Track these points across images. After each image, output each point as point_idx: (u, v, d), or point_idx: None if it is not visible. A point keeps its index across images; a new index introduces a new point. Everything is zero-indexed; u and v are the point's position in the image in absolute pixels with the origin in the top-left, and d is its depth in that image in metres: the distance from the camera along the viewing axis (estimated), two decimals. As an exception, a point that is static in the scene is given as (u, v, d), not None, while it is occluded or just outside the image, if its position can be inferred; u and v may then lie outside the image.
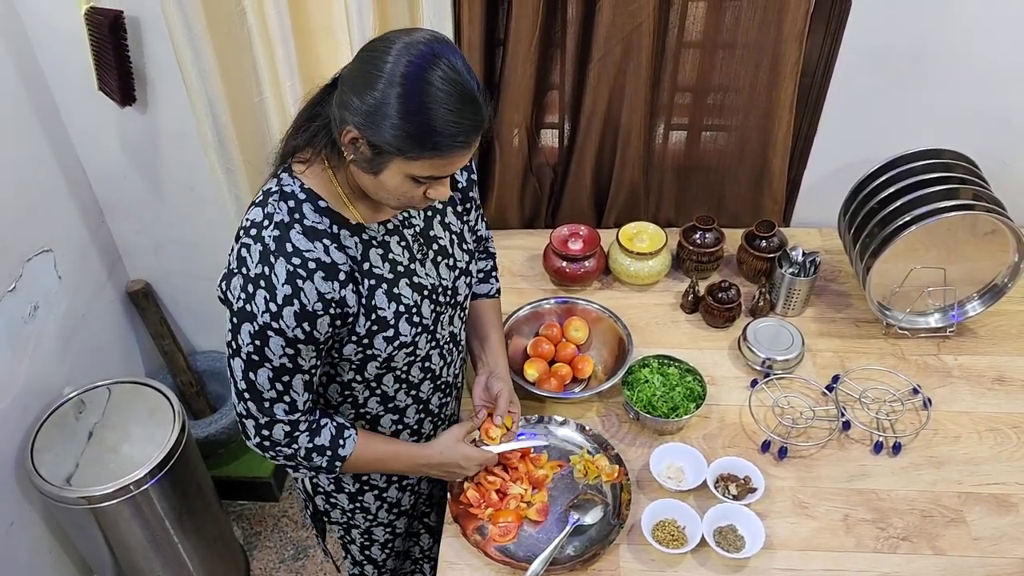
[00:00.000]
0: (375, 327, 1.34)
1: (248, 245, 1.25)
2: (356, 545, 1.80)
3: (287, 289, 1.22)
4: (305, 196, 1.27)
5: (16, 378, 1.98)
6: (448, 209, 1.49)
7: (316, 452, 1.40)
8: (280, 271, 1.22)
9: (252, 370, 1.29)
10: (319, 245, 1.26)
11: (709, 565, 1.53)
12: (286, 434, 1.36)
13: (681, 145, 2.16)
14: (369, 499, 1.67)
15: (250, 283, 1.23)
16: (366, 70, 1.13)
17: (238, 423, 1.38)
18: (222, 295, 1.30)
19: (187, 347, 2.63)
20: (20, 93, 1.95)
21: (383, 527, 1.75)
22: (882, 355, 1.90)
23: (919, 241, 1.80)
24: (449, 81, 1.11)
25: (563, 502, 1.62)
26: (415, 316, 1.39)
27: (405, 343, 1.39)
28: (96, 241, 2.28)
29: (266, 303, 1.22)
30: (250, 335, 1.25)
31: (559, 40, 1.97)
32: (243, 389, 1.31)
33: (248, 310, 1.24)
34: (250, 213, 1.29)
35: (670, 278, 2.11)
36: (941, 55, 1.92)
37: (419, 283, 1.40)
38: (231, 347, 1.29)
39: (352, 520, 1.72)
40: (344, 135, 1.18)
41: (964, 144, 1.90)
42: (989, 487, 1.64)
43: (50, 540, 2.13)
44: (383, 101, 1.11)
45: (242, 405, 1.34)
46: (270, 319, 1.23)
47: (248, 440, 1.39)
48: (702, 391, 1.75)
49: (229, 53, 1.84)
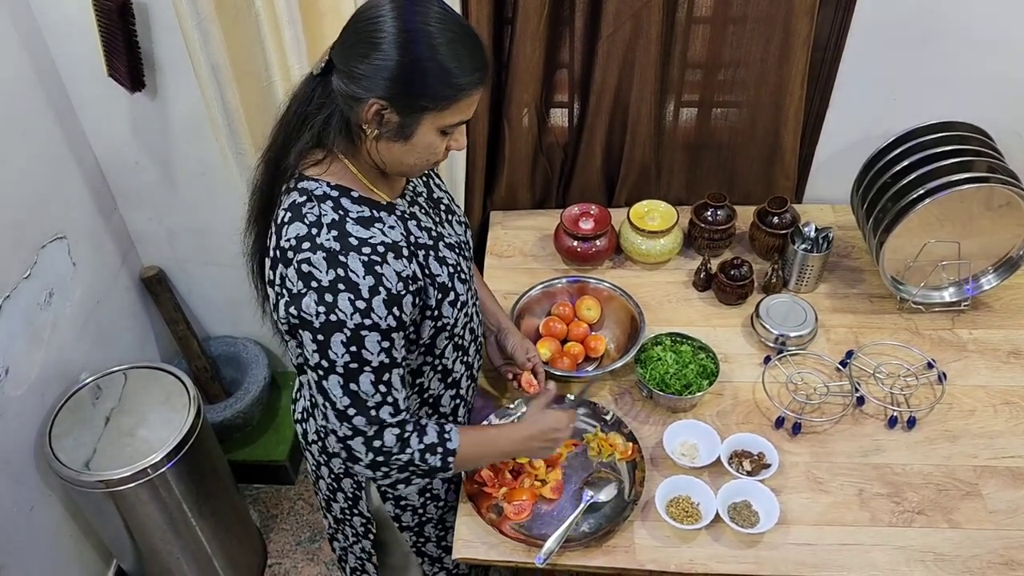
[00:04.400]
0: (440, 294, 1.35)
1: (308, 259, 1.21)
2: (432, 542, 1.74)
3: (370, 280, 1.21)
4: (338, 192, 1.26)
5: (33, 364, 1.99)
6: (431, 171, 1.52)
7: (428, 452, 1.35)
8: (356, 266, 1.21)
9: (352, 380, 1.25)
10: (375, 230, 1.26)
11: (723, 541, 1.53)
12: (397, 438, 1.32)
13: (692, 122, 2.15)
14: (436, 483, 1.64)
15: (327, 292, 1.20)
16: (364, 40, 1.13)
17: (341, 451, 1.32)
18: (294, 320, 1.24)
19: (201, 332, 2.64)
20: (32, 81, 1.96)
21: (454, 510, 1.72)
22: (896, 330, 1.90)
23: (933, 215, 1.79)
24: (445, 20, 1.14)
25: (577, 480, 1.62)
26: (461, 273, 1.41)
27: (464, 302, 1.41)
28: (109, 228, 2.29)
29: (352, 303, 1.20)
30: (343, 344, 1.22)
31: (568, 18, 1.95)
32: (346, 407, 1.27)
33: (335, 319, 1.20)
34: (287, 232, 1.24)
35: (682, 256, 2.10)
36: (954, 26, 1.89)
37: (450, 243, 1.42)
38: (321, 368, 1.25)
39: (424, 515, 1.67)
40: (367, 111, 1.17)
41: (978, 116, 1.89)
42: (1005, 460, 1.64)
43: (70, 524, 2.16)
44: (400, 61, 1.12)
45: (346, 427, 1.29)
46: (361, 317, 1.21)
47: (359, 463, 1.32)
48: (715, 368, 1.75)
49: (237, 37, 1.84)
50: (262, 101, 1.96)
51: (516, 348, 1.67)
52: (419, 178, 1.46)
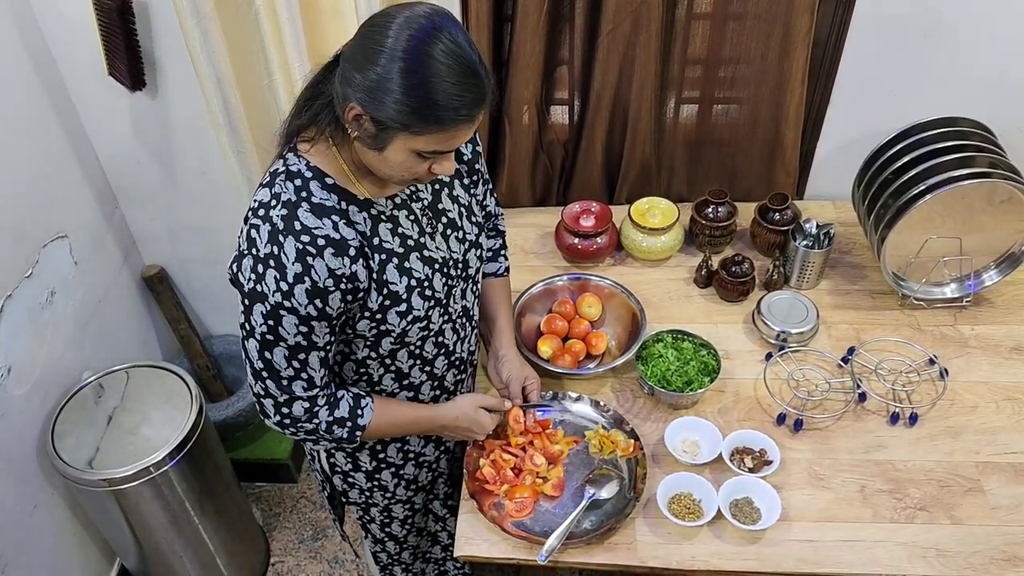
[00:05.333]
0: (387, 302, 1.35)
1: (257, 226, 1.26)
2: (376, 524, 1.81)
3: (297, 267, 1.23)
4: (312, 174, 1.28)
5: (36, 363, 2.00)
6: (455, 182, 1.49)
7: (336, 424, 1.41)
8: (290, 250, 1.23)
9: (267, 350, 1.30)
10: (328, 222, 1.26)
11: (725, 537, 1.53)
12: (305, 410, 1.37)
13: (692, 119, 2.14)
14: (386, 476, 1.68)
15: (260, 263, 1.24)
16: (367, 46, 1.13)
17: (256, 403, 1.39)
18: (232, 277, 1.31)
19: (203, 331, 2.65)
20: (33, 80, 1.96)
21: (401, 504, 1.76)
22: (898, 326, 1.89)
23: (934, 211, 1.79)
24: (451, 55, 1.11)
25: (579, 477, 1.62)
26: (427, 290, 1.39)
27: (418, 317, 1.39)
28: (111, 227, 2.29)
29: (277, 282, 1.23)
30: (263, 315, 1.26)
31: (568, 14, 1.95)
32: (260, 369, 1.32)
33: (259, 290, 1.24)
34: (258, 194, 1.30)
35: (683, 253, 2.10)
36: (956, 22, 1.89)
37: (430, 256, 1.40)
38: (244, 328, 1.30)
39: (371, 499, 1.73)
40: (348, 112, 1.18)
41: (980, 112, 1.88)
42: (1007, 456, 1.64)
43: (73, 523, 2.16)
44: (385, 76, 1.11)
45: (259, 385, 1.35)
46: (282, 298, 1.24)
47: (268, 419, 1.40)
48: (716, 365, 1.75)
49: (237, 35, 1.84)
50: (262, 100, 1.96)
51: (512, 379, 1.65)
52: (430, 184, 1.44)
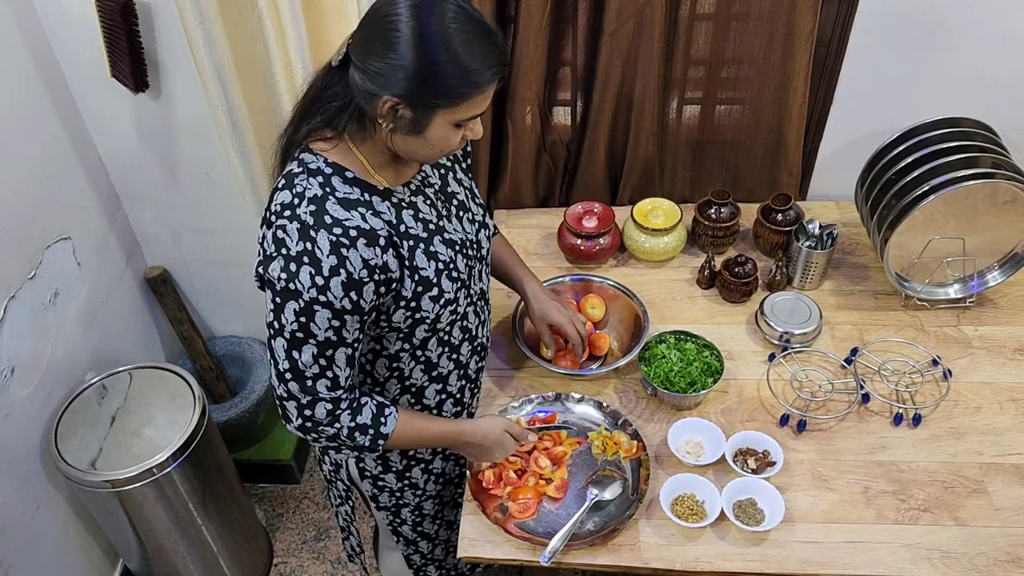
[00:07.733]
0: (420, 288, 1.36)
1: (283, 226, 1.26)
2: (408, 525, 1.78)
3: (332, 260, 1.23)
4: (332, 170, 1.29)
5: (39, 364, 2.00)
6: (456, 166, 1.52)
7: (359, 431, 1.40)
8: (323, 243, 1.23)
9: (296, 348, 1.29)
10: (355, 213, 1.27)
11: (729, 539, 1.53)
12: (328, 412, 1.36)
13: (695, 119, 2.14)
14: (417, 473, 1.68)
15: (292, 262, 1.24)
16: (382, 38, 1.15)
17: (278, 407, 1.38)
18: (260, 279, 1.31)
19: (206, 332, 2.65)
20: (36, 81, 1.96)
21: (432, 499, 1.75)
22: (901, 327, 1.89)
23: (938, 211, 1.78)
24: (462, 20, 1.15)
25: (582, 478, 1.62)
26: (453, 271, 1.41)
27: (449, 300, 1.41)
28: (114, 228, 2.30)
29: (311, 278, 1.23)
30: (295, 312, 1.26)
31: (570, 15, 1.95)
32: (285, 369, 1.32)
33: (293, 288, 1.24)
34: (277, 198, 1.30)
35: (686, 254, 2.10)
36: (959, 21, 1.89)
37: (450, 239, 1.42)
38: (272, 327, 1.30)
39: (401, 499, 1.71)
40: (381, 106, 1.19)
41: (984, 113, 1.87)
42: (1011, 457, 1.63)
43: (76, 524, 2.17)
44: (415, 62, 1.14)
45: (283, 387, 1.34)
46: (317, 293, 1.24)
47: (290, 423, 1.38)
48: (719, 366, 1.75)
49: (240, 36, 1.84)
50: (266, 100, 1.96)
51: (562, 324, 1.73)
52: (435, 169, 1.46)
